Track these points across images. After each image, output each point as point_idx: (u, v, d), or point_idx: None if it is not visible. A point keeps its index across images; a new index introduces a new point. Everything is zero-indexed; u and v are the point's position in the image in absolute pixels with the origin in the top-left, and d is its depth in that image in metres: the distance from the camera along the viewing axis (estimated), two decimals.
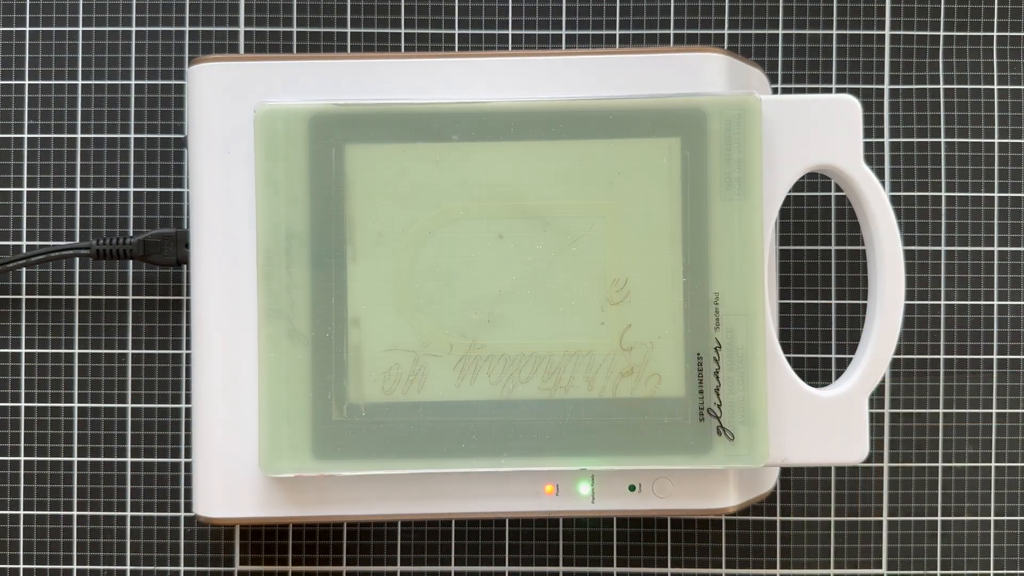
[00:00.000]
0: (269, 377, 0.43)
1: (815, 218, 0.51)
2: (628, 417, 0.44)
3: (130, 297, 0.50)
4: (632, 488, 0.45)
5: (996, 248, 0.50)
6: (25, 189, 0.50)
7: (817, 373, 0.50)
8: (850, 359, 0.46)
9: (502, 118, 0.44)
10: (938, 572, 0.50)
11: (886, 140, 0.51)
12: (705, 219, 0.43)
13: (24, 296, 0.50)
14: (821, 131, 0.44)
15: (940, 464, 0.50)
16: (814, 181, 0.51)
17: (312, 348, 0.43)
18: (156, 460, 0.50)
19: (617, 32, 0.50)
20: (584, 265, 0.44)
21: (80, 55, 0.50)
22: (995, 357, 0.50)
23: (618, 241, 0.44)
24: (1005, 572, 0.50)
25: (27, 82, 0.50)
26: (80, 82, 0.50)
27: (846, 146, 0.44)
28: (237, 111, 0.44)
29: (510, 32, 0.50)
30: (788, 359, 0.44)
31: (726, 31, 0.51)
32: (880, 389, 0.50)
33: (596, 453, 0.44)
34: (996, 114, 0.51)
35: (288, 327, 0.43)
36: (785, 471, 0.50)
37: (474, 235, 0.44)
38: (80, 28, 0.50)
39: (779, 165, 0.44)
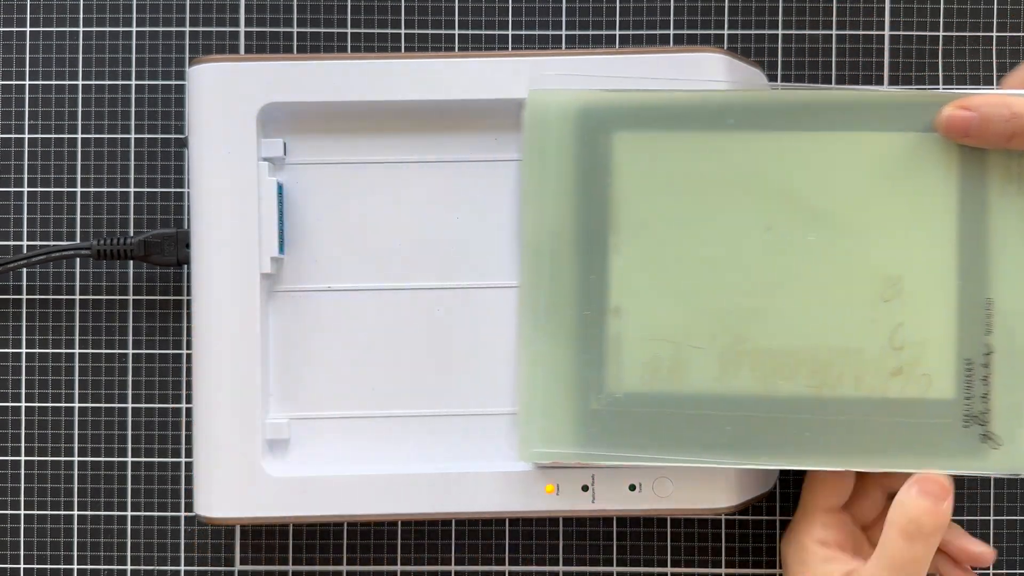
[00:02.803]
0: (530, 365, 0.43)
1: None
2: (893, 418, 0.42)
3: (130, 297, 0.50)
4: (632, 488, 0.45)
5: None
6: (26, 189, 0.50)
7: None
8: None
9: (775, 108, 0.43)
10: (938, 572, 0.50)
11: None
12: (982, 216, 0.42)
13: (24, 296, 0.50)
14: None
15: None
16: None
17: (573, 337, 0.43)
18: (156, 460, 0.50)
19: (617, 32, 0.50)
20: (856, 260, 0.42)
21: (80, 55, 0.50)
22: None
23: (892, 237, 0.42)
24: (1005, 572, 0.50)
25: (27, 82, 0.50)
26: (80, 82, 0.50)
27: None
28: (238, 111, 0.44)
29: (510, 32, 0.51)
30: None
31: (726, 31, 0.51)
32: None
33: (859, 454, 0.42)
34: None
35: (550, 315, 0.43)
36: (785, 471, 0.50)
37: (741, 226, 0.43)
38: (80, 28, 0.50)
39: None
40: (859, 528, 0.46)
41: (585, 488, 0.45)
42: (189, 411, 0.50)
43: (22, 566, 0.50)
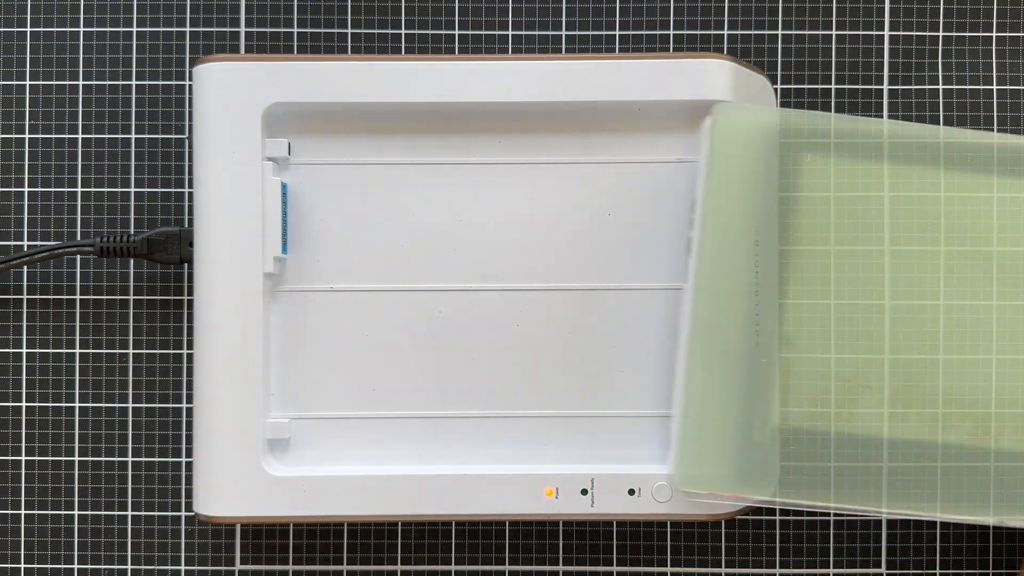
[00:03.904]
0: (695, 393, 0.42)
1: None
2: None
3: (131, 296, 0.50)
4: (631, 492, 0.45)
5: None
6: (26, 189, 0.50)
7: None
8: None
9: (968, 149, 0.42)
10: (938, 572, 0.50)
11: None
12: None
13: (25, 296, 0.50)
14: None
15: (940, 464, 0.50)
16: None
17: (743, 364, 0.42)
18: (157, 460, 0.50)
19: (617, 32, 0.50)
20: None
21: (81, 55, 0.50)
22: (994, 357, 0.50)
23: None
24: (1005, 572, 0.51)
25: (28, 82, 0.50)
26: (81, 82, 0.50)
27: None
28: (242, 110, 0.45)
29: (510, 32, 0.51)
30: None
31: (726, 31, 0.51)
32: None
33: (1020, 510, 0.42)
34: (995, 114, 0.51)
35: (722, 339, 0.42)
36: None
37: (922, 266, 0.42)
38: (81, 28, 0.50)
39: None
40: None
41: (584, 492, 0.45)
42: (190, 411, 0.50)
43: (22, 566, 0.50)
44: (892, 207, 0.42)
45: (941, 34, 0.51)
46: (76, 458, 0.50)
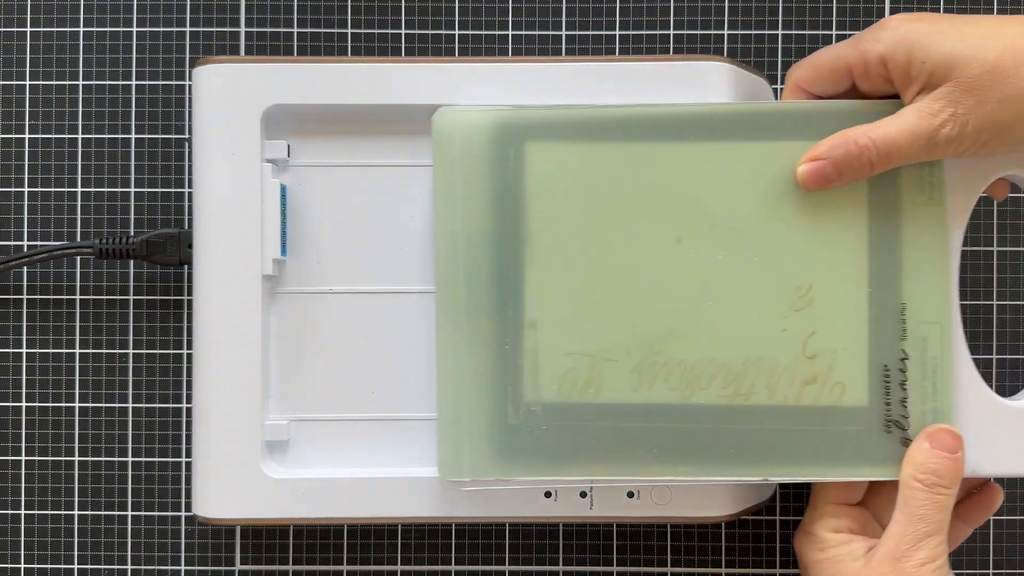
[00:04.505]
0: (448, 382, 0.43)
1: (987, 219, 0.51)
2: (810, 426, 0.43)
3: (131, 297, 0.50)
4: (630, 495, 0.45)
5: (996, 248, 0.50)
6: (26, 189, 0.50)
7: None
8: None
9: (684, 119, 0.43)
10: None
11: None
12: (893, 225, 0.42)
13: (25, 296, 0.50)
14: None
15: None
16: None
17: (489, 352, 0.43)
18: (157, 460, 0.50)
19: (617, 33, 0.50)
20: (767, 270, 0.43)
21: (80, 55, 0.50)
22: (994, 357, 0.50)
23: (803, 246, 0.42)
24: (1005, 572, 0.51)
25: (28, 82, 0.50)
26: (81, 82, 0.50)
27: None
28: (242, 112, 0.44)
29: (510, 33, 0.50)
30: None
31: (726, 31, 0.51)
32: None
33: (778, 463, 0.43)
34: None
35: (465, 330, 0.43)
36: None
37: (652, 239, 0.43)
38: (80, 28, 0.50)
39: (973, 170, 0.43)
40: (874, 519, 0.46)
41: (583, 495, 0.45)
42: (189, 411, 0.50)
43: (22, 566, 0.50)
44: (617, 186, 0.43)
45: None
46: (76, 458, 0.50)
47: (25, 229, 0.50)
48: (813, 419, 0.43)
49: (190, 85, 0.49)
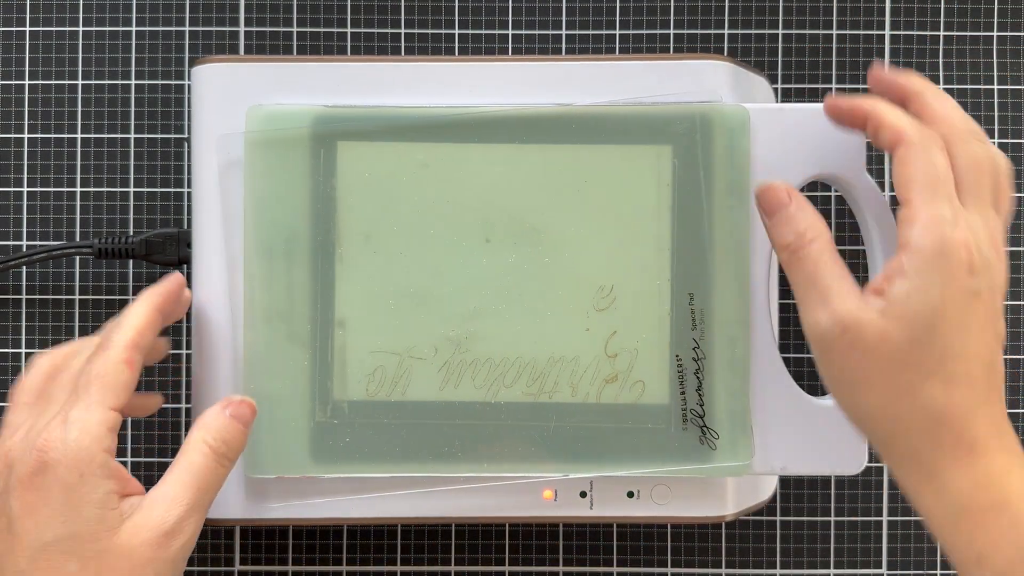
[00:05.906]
0: (262, 382, 0.43)
1: None
2: (613, 424, 0.43)
3: (130, 297, 0.50)
4: (630, 495, 0.45)
5: None
6: (25, 189, 0.50)
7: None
8: None
9: (490, 122, 0.43)
10: (938, 572, 0.50)
11: None
12: (692, 227, 0.43)
13: (24, 296, 0.50)
14: (825, 141, 0.43)
15: None
16: (814, 182, 0.51)
17: (300, 350, 0.43)
18: (156, 460, 0.50)
19: (617, 32, 0.50)
20: (571, 270, 0.43)
21: (80, 55, 0.50)
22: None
23: (605, 247, 0.43)
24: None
25: (27, 82, 0.50)
26: (80, 82, 0.50)
27: (849, 156, 0.44)
28: (240, 112, 0.44)
29: (510, 32, 0.50)
30: (791, 369, 0.44)
31: (726, 31, 0.51)
32: None
33: (581, 460, 0.43)
34: (996, 114, 0.51)
35: (274, 327, 0.43)
36: None
37: (460, 240, 0.43)
38: (80, 28, 0.50)
39: (781, 173, 0.44)
40: None
41: (583, 494, 0.45)
42: (189, 411, 0.50)
43: None
44: (427, 186, 0.43)
45: (942, 34, 0.51)
46: None
47: (24, 229, 0.50)
48: (615, 417, 0.43)
49: (189, 85, 0.49)
